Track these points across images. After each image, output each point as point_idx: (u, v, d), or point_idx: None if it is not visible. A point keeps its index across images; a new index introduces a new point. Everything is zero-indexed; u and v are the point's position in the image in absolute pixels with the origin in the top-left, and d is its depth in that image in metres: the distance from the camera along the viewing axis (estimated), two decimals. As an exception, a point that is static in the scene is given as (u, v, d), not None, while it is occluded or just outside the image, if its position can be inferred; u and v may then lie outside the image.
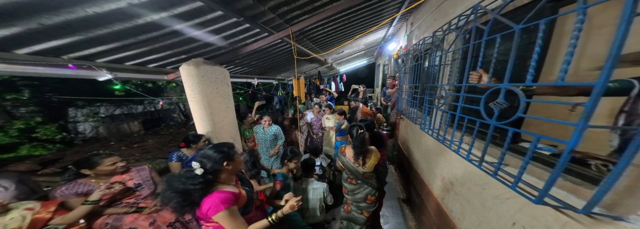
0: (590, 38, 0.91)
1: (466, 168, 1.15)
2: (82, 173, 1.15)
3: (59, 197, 1.08)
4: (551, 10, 0.75)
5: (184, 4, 1.14)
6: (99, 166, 1.16)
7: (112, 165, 1.20)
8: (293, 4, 1.57)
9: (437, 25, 1.70)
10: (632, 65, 0.71)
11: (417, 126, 1.88)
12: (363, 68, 7.91)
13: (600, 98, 0.47)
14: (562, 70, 0.53)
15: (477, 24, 0.94)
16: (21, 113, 6.74)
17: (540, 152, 0.78)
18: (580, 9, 0.50)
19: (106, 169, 1.18)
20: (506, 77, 0.72)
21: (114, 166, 1.21)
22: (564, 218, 0.62)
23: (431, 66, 1.59)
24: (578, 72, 0.96)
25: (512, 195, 0.79)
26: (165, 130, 9.58)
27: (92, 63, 1.53)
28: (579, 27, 0.51)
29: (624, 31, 0.42)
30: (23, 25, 0.97)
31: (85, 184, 1.14)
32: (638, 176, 0.47)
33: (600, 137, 0.70)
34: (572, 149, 0.52)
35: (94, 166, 1.16)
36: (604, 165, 0.62)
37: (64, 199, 1.08)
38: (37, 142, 6.53)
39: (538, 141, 0.61)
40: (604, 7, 0.48)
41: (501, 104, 0.73)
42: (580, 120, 0.49)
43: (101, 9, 0.99)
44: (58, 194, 1.09)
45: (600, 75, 0.46)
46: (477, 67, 0.92)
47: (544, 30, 0.61)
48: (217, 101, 1.95)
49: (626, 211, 0.49)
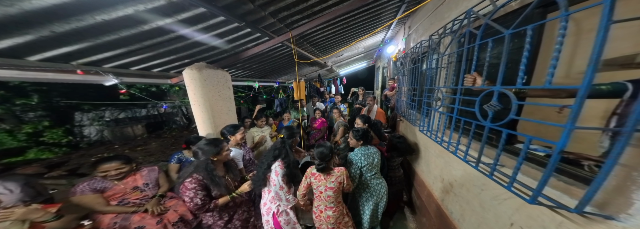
0: (581, 42, 0.93)
1: (465, 170, 1.16)
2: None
3: (78, 192, 1.14)
4: (540, 15, 0.77)
5: (187, 10, 1.18)
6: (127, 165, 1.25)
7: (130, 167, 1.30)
8: (293, 9, 1.62)
9: (433, 28, 1.73)
10: (621, 68, 0.73)
11: (416, 128, 1.89)
12: (363, 70, 7.96)
13: (585, 101, 0.49)
14: (549, 74, 0.55)
15: (470, 28, 0.97)
16: (30, 117, 6.90)
17: (534, 153, 0.79)
18: (563, 16, 0.52)
19: (125, 170, 1.25)
20: (499, 79, 0.74)
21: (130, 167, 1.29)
22: (559, 218, 0.63)
23: (428, 69, 1.62)
24: (570, 74, 0.97)
25: (509, 196, 0.80)
26: (167, 133, 9.69)
27: (99, 68, 1.59)
28: (562, 33, 0.53)
29: (602, 38, 0.44)
30: (36, 33, 1.02)
31: (103, 180, 1.20)
32: (626, 175, 0.49)
33: (593, 138, 0.71)
34: (561, 149, 0.54)
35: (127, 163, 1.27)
36: (597, 165, 0.63)
37: (81, 194, 1.14)
38: (44, 146, 6.65)
39: (530, 142, 0.63)
40: (591, 12, 0.50)
41: (495, 106, 0.75)
42: (568, 121, 0.51)
43: (109, 16, 1.04)
44: (78, 189, 1.15)
45: (584, 79, 0.48)
46: (472, 70, 0.94)
47: (532, 35, 0.64)
48: (219, 104, 1.99)
49: (617, 210, 0.50)
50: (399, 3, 2.28)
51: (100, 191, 1.18)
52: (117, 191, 1.22)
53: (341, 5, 1.77)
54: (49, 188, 2.51)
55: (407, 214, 2.22)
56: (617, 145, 0.46)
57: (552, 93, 0.66)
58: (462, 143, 1.09)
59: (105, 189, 1.19)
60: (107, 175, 1.21)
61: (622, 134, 0.46)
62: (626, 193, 0.48)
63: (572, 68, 0.97)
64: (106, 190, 1.19)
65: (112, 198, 1.21)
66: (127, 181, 1.27)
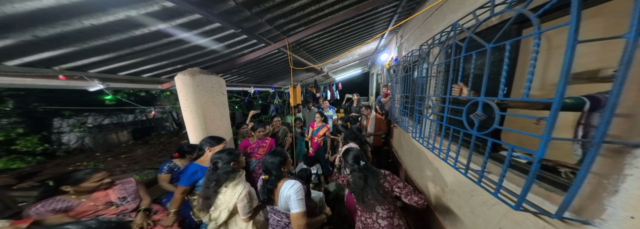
0: (552, 56, 1.02)
1: (455, 176, 1.19)
2: (61, 190, 1.08)
3: (33, 215, 0.99)
4: (516, 31, 0.84)
5: (182, 16, 1.17)
6: (83, 182, 1.10)
7: (97, 181, 1.14)
8: (290, 16, 1.65)
9: (423, 39, 1.82)
10: (587, 81, 0.80)
11: (409, 134, 1.94)
12: (358, 76, 8.13)
13: (558, 113, 0.53)
14: (526, 87, 0.60)
15: (456, 40, 1.04)
16: (2, 124, 6.40)
17: (517, 160, 0.84)
18: (536, 34, 0.58)
19: (90, 186, 1.12)
20: (482, 90, 0.79)
21: (99, 182, 1.15)
22: (542, 223, 0.66)
23: (419, 77, 1.68)
24: (545, 87, 1.06)
25: (497, 202, 0.83)
26: (156, 139, 9.28)
27: (83, 73, 1.52)
28: (536, 50, 0.58)
29: (570, 55, 0.49)
30: (17, 37, 0.97)
31: (64, 200, 1.07)
32: (598, 183, 0.52)
33: (567, 146, 0.77)
34: (540, 158, 0.57)
35: (78, 183, 1.09)
36: (573, 172, 0.68)
37: (39, 217, 1.00)
38: (15, 154, 6.14)
39: (513, 151, 0.66)
40: (560, 29, 0.55)
41: (480, 116, 0.79)
42: (545, 132, 0.55)
43: (99, 21, 1.00)
44: (33, 212, 1.00)
45: (556, 93, 0.52)
46: (459, 80, 0.99)
47: (510, 50, 0.69)
48: (212, 110, 1.95)
49: (592, 216, 0.53)
50: (392, 13, 2.40)
51: (64, 211, 1.05)
52: (87, 208, 1.11)
53: (337, 14, 1.83)
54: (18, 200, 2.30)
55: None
56: (589, 155, 0.50)
57: (530, 105, 0.71)
58: (452, 150, 1.13)
59: (70, 208, 1.07)
60: (95, 187, 1.12)
61: (592, 145, 0.50)
62: (599, 200, 0.52)
63: (545, 80, 1.05)
64: (71, 209, 1.07)
65: (83, 215, 1.10)
66: (96, 197, 1.15)
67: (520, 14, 0.64)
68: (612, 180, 0.49)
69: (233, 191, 1.16)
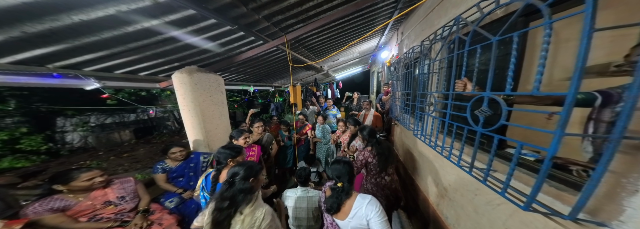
0: (559, 51, 0.97)
1: (458, 174, 1.15)
2: (55, 189, 1.07)
3: (30, 214, 0.98)
4: (523, 24, 0.80)
5: (176, 11, 1.14)
6: (73, 182, 1.08)
7: (88, 180, 1.12)
8: (287, 13, 1.61)
9: (424, 34, 1.77)
10: (597, 76, 0.76)
11: (410, 133, 1.90)
12: (359, 75, 8.07)
13: (572, 108, 0.49)
14: (536, 81, 0.56)
15: (459, 34, 0.99)
16: (6, 124, 6.47)
17: (525, 158, 0.80)
18: (547, 24, 0.54)
19: (82, 185, 1.10)
20: (488, 85, 0.75)
21: (90, 181, 1.12)
22: (552, 224, 0.62)
23: (421, 74, 1.64)
24: (552, 82, 1.01)
25: (502, 201, 0.79)
26: (157, 138, 9.32)
27: (78, 71, 1.50)
28: (547, 41, 0.54)
29: (586, 45, 0.45)
30: (4, 33, 0.94)
31: (62, 199, 1.06)
32: (616, 182, 0.49)
33: (575, 143, 0.73)
34: (552, 156, 0.53)
35: (68, 182, 1.07)
36: (584, 170, 0.64)
37: (36, 216, 0.99)
38: (20, 154, 6.22)
39: (521, 148, 0.62)
40: (567, 22, 0.51)
41: (485, 112, 0.75)
42: (557, 128, 0.51)
43: (88, 16, 0.98)
44: (30, 212, 0.99)
45: (570, 86, 0.48)
46: (462, 76, 0.95)
47: (518, 42, 0.65)
48: (210, 109, 1.93)
49: (609, 217, 0.49)
50: (392, 9, 2.34)
51: (62, 210, 1.04)
52: (84, 208, 1.10)
53: (336, 10, 1.78)
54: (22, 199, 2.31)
55: (402, 219, 2.19)
56: (606, 152, 0.46)
57: (539, 100, 0.67)
58: (455, 147, 1.10)
59: (68, 207, 1.06)
60: (88, 186, 1.10)
61: (610, 141, 0.46)
62: (617, 200, 0.48)
63: (551, 75, 1.00)
64: (69, 208, 1.06)
65: (80, 215, 1.09)
66: (95, 197, 1.14)
67: (527, 5, 0.60)
68: (632, 179, 0.46)
69: (252, 219, 0.87)
